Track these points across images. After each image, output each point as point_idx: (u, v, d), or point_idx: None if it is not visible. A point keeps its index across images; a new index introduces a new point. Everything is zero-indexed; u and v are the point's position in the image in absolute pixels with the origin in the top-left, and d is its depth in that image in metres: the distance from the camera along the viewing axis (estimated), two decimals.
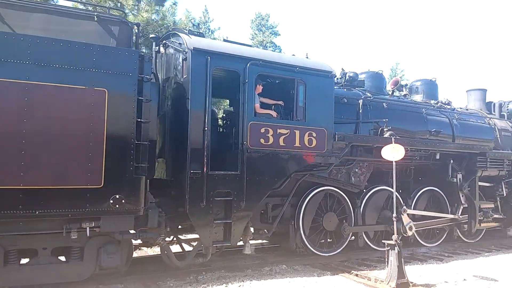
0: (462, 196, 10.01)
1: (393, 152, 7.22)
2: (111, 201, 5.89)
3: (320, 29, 77.27)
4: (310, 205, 8.42)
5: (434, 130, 9.96)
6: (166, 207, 6.89)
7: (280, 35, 34.91)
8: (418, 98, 11.08)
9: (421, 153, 9.57)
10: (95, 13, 6.26)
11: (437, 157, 9.94)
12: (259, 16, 34.35)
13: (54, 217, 5.71)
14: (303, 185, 8.45)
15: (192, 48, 6.74)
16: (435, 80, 11.25)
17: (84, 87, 5.78)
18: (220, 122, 8.63)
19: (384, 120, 9.11)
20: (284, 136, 7.48)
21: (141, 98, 6.19)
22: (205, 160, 6.70)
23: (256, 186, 7.18)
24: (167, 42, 7.65)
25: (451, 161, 9.92)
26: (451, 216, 9.87)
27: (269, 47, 33.59)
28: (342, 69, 10.04)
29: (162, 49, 7.78)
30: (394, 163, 7.22)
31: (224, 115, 8.76)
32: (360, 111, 9.04)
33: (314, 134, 7.79)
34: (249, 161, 7.11)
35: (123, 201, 5.97)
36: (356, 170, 8.86)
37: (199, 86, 6.74)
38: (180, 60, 7.07)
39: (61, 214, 5.68)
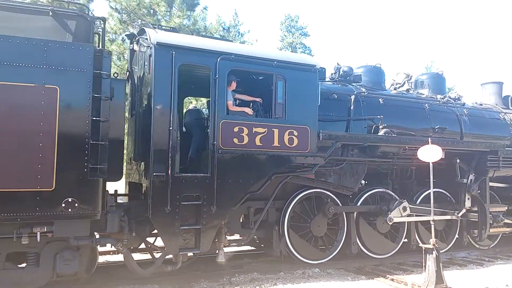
0: (468, 198, 9.15)
1: (430, 153, 7.10)
2: (63, 205, 5.53)
3: (352, 29, 75.76)
4: (297, 208, 7.87)
5: (438, 127, 9.16)
6: (135, 211, 6.52)
7: (310, 36, 34.53)
8: (424, 93, 10.27)
9: None
10: (50, 8, 5.96)
11: (442, 156, 9.11)
12: (288, 18, 34.37)
13: (3, 222, 5.43)
14: (290, 188, 7.93)
15: (155, 43, 6.34)
16: (442, 74, 10.41)
17: (33, 84, 5.47)
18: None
19: (378, 116, 8.42)
20: (260, 135, 6.95)
21: (97, 95, 5.84)
22: (169, 162, 6.27)
23: (229, 189, 6.68)
24: (139, 39, 7.30)
25: (458, 160, 9.09)
26: (450, 216, 9.04)
27: (299, 48, 33.35)
28: (337, 64, 9.40)
29: (136, 47, 7.43)
30: (431, 164, 7.14)
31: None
32: (352, 108, 8.38)
33: (296, 133, 7.22)
34: (221, 163, 6.63)
35: (76, 204, 5.61)
36: (347, 171, 8.21)
37: (163, 82, 6.33)
38: (148, 56, 6.69)
39: (9, 218, 5.37)
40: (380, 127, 8.36)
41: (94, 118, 5.80)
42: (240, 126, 6.82)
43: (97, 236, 6.11)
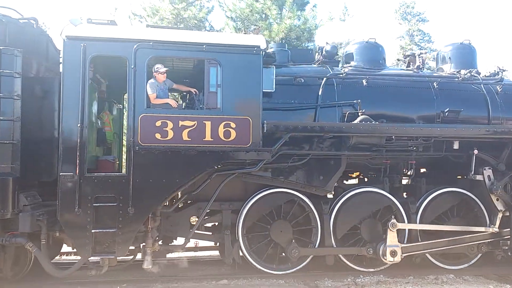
0: (497, 200, 7.11)
1: None
2: None
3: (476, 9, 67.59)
4: (254, 211, 6.92)
5: (447, 110, 7.27)
6: (51, 211, 6.27)
7: (428, 21, 32.03)
8: (445, 69, 8.31)
9: (420, 142, 7.05)
10: None
11: (455, 146, 7.25)
12: (403, 5, 32.59)
13: None
14: (251, 188, 7.03)
15: (65, 36, 6.02)
16: (469, 43, 8.27)
17: None
18: None
19: (355, 101, 6.99)
20: (189, 129, 6.19)
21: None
22: (78, 161, 5.90)
23: (149, 190, 6.06)
24: None
25: (475, 151, 7.11)
26: (479, 229, 7.09)
27: (416, 35, 31.41)
28: (327, 43, 8.08)
29: None
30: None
31: None
32: (320, 93, 7.06)
33: (233, 125, 6.29)
34: (139, 161, 6.05)
35: None
36: (314, 167, 6.96)
37: (72, 77, 5.95)
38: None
39: None
40: (359, 113, 6.92)
41: None
42: (164, 120, 6.15)
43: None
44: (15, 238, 5.95)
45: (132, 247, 6.52)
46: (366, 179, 7.91)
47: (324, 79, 7.16)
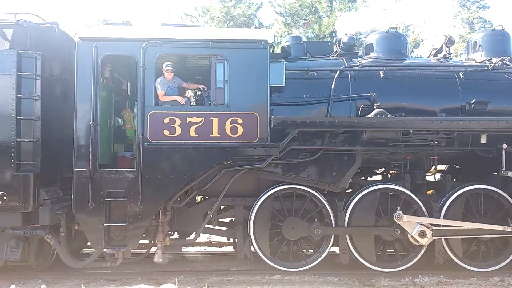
0: None
1: None
2: None
3: None
4: (266, 207, 6.86)
5: (473, 102, 6.78)
6: (70, 205, 6.55)
7: (489, 7, 30.47)
8: (476, 58, 7.74)
9: (441, 136, 6.62)
10: None
11: (483, 140, 6.75)
12: None
13: None
14: (264, 184, 6.98)
15: (78, 38, 6.30)
16: (503, 29, 7.62)
17: None
18: None
19: (370, 94, 6.70)
20: (196, 126, 6.28)
21: (19, 95, 6.15)
22: (90, 157, 6.16)
23: (158, 185, 6.23)
24: None
25: (504, 145, 6.58)
26: (498, 227, 6.57)
27: (477, 23, 30.03)
28: (346, 34, 7.82)
29: None
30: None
31: None
32: (333, 86, 6.84)
33: (240, 121, 6.29)
34: (148, 157, 6.23)
35: (5, 197, 6.07)
36: (326, 163, 6.76)
37: (85, 76, 6.23)
38: None
39: None
40: (375, 106, 6.64)
41: (19, 118, 6.13)
42: (172, 116, 6.27)
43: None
44: (35, 231, 6.34)
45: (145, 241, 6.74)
46: (388, 176, 7.60)
47: (338, 71, 6.94)
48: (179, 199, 6.82)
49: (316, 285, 6.28)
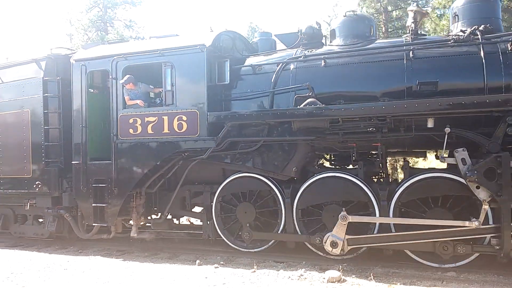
0: (478, 188, 5.76)
1: None
2: (34, 186, 8.37)
3: None
4: (225, 192, 7.60)
5: (418, 82, 6.21)
6: None
7: None
8: (455, 30, 6.86)
9: (375, 122, 6.29)
10: (33, 59, 8.63)
11: (429, 124, 6.18)
12: None
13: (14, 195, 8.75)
14: (229, 173, 7.74)
15: (73, 60, 8.11)
16: None
17: (18, 110, 8.54)
18: None
19: (304, 84, 6.78)
20: (152, 124, 7.46)
21: (46, 111, 8.26)
22: (81, 153, 7.92)
23: (126, 174, 7.63)
24: None
25: (448, 129, 5.91)
26: (452, 223, 5.90)
27: None
28: (317, 23, 7.87)
29: None
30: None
31: None
32: (272, 80, 7.10)
33: (184, 118, 7.22)
34: (119, 151, 7.69)
35: (40, 185, 8.32)
36: (267, 153, 7.11)
37: (77, 89, 8.01)
38: None
39: (14, 194, 8.69)
40: (308, 95, 6.72)
41: (45, 127, 8.28)
42: (134, 117, 7.59)
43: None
44: (60, 210, 8.41)
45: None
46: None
47: (281, 64, 7.17)
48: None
49: (500, 286, 5.54)
